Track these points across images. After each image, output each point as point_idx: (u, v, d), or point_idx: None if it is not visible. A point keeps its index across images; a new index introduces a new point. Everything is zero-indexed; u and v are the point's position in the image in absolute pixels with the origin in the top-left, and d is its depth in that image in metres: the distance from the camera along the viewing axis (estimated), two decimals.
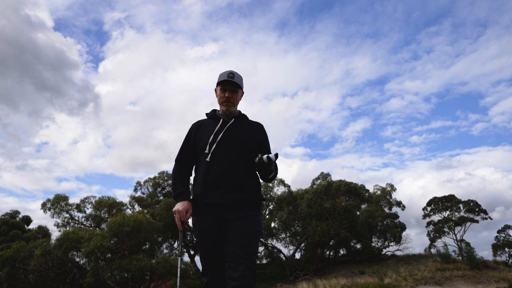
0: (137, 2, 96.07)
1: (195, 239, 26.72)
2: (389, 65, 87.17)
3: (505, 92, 74.44)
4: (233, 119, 2.50)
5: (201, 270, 2.42)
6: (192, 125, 2.59)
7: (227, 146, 2.37)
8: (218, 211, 2.28)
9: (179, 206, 2.34)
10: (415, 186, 64.41)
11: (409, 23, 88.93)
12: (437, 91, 79.95)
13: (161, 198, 26.77)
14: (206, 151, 2.37)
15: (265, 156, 2.24)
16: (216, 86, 2.55)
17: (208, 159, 2.35)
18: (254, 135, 2.50)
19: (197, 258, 26.18)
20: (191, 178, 2.58)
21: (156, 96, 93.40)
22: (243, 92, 2.59)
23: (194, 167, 2.55)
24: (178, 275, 2.49)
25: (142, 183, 28.34)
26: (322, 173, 30.65)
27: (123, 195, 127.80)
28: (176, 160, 2.56)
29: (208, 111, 2.63)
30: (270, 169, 2.30)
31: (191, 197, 2.44)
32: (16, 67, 70.95)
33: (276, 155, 2.25)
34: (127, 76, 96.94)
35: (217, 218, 2.28)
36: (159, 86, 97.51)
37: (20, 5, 72.92)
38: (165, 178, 27.96)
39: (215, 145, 2.37)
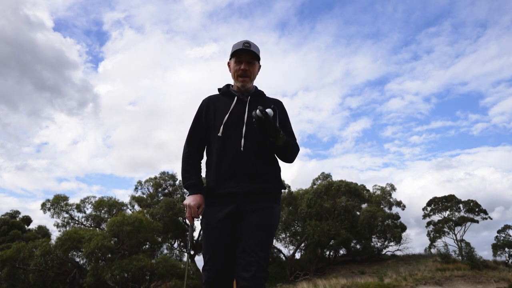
0: (137, 2, 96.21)
1: (195, 239, 26.71)
2: (389, 65, 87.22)
3: (505, 92, 74.49)
4: (249, 97, 2.23)
5: (202, 266, 2.18)
6: (203, 101, 2.32)
7: (242, 129, 2.11)
8: (234, 201, 2.06)
9: (190, 201, 2.09)
10: (415, 186, 64.46)
11: (409, 23, 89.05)
12: (437, 91, 79.91)
13: (161, 198, 26.78)
14: (220, 134, 2.12)
15: (257, 111, 1.95)
16: (230, 59, 2.27)
17: (222, 144, 2.12)
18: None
19: (197, 258, 26.17)
20: (203, 161, 2.35)
21: (155, 96, 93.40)
22: (260, 65, 2.30)
23: (206, 148, 2.30)
24: (186, 270, 2.38)
25: (142, 183, 28.37)
26: (323, 173, 30.66)
27: (123, 195, 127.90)
28: (186, 142, 2.28)
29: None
30: (272, 128, 2.00)
31: (204, 186, 2.20)
32: (16, 67, 71.03)
33: (274, 109, 2.01)
34: (126, 76, 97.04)
35: (231, 210, 2.06)
36: (159, 86, 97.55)
37: (19, 5, 72.98)
38: (166, 178, 27.96)
39: (229, 128, 2.12)
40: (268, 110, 1.98)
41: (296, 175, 60.99)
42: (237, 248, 2.04)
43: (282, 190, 2.32)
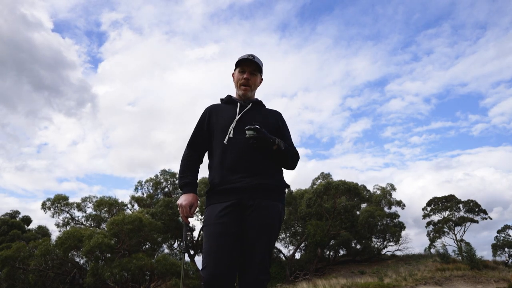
0: (139, 3, 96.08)
1: (195, 239, 26.72)
2: (389, 67, 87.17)
3: (505, 93, 74.48)
4: (250, 104, 2.36)
5: (201, 263, 2.09)
6: (206, 108, 2.42)
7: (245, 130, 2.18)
8: (238, 196, 2.09)
9: (183, 200, 2.17)
10: (414, 186, 64.47)
11: (409, 25, 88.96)
12: (437, 92, 79.86)
13: (161, 197, 26.76)
14: (225, 134, 2.21)
15: (247, 132, 2.10)
16: (234, 70, 2.40)
17: (225, 141, 2.19)
18: (273, 121, 2.35)
19: (197, 258, 26.15)
20: (204, 165, 2.44)
21: (154, 96, 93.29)
22: (262, 79, 2.44)
23: (207, 153, 2.40)
24: (182, 270, 2.40)
25: (142, 183, 28.34)
26: (323, 173, 30.69)
27: (123, 195, 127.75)
28: (188, 145, 2.38)
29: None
30: (267, 141, 2.12)
31: (208, 186, 2.26)
32: (13, 67, 70.86)
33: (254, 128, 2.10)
34: (125, 76, 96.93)
35: (235, 204, 2.08)
36: (158, 86, 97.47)
37: (16, 4, 72.84)
38: (167, 177, 27.94)
39: (233, 128, 2.21)
40: (251, 128, 2.10)
41: (296, 175, 61.09)
42: (240, 246, 2.05)
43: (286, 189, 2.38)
